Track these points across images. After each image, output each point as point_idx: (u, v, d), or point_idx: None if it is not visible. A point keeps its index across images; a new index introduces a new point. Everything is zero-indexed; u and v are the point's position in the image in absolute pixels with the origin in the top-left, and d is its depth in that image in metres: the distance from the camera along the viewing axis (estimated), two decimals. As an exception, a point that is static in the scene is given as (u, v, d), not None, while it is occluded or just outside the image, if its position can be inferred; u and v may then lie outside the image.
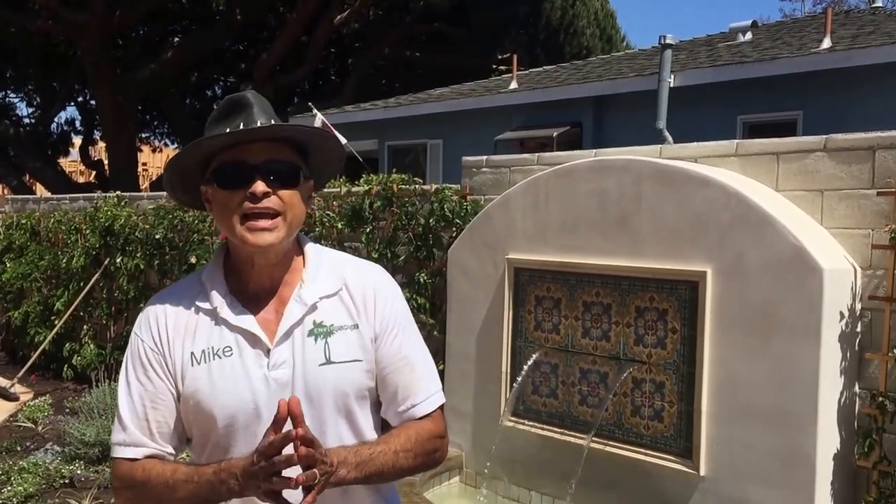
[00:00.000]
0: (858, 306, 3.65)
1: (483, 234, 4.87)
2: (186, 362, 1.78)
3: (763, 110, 10.56)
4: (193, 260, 7.14)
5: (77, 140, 23.21)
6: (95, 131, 22.78)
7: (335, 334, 1.81)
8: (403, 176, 6.06)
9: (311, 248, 1.90)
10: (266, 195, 1.73)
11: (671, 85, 10.60)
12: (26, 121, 23.09)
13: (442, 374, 5.28)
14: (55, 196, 10.72)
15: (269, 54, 18.74)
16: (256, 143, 1.76)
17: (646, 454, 4.05)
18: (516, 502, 4.70)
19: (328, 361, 1.79)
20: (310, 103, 11.44)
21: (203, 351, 1.77)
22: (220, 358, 1.76)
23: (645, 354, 4.09)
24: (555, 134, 11.65)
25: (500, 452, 4.63)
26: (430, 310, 5.74)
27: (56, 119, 23.21)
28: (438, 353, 5.63)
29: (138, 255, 7.74)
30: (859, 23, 12.17)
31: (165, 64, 18.71)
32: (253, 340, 1.78)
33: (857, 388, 3.69)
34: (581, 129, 11.94)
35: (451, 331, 5.11)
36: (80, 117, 23.30)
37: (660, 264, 4.00)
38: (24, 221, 9.37)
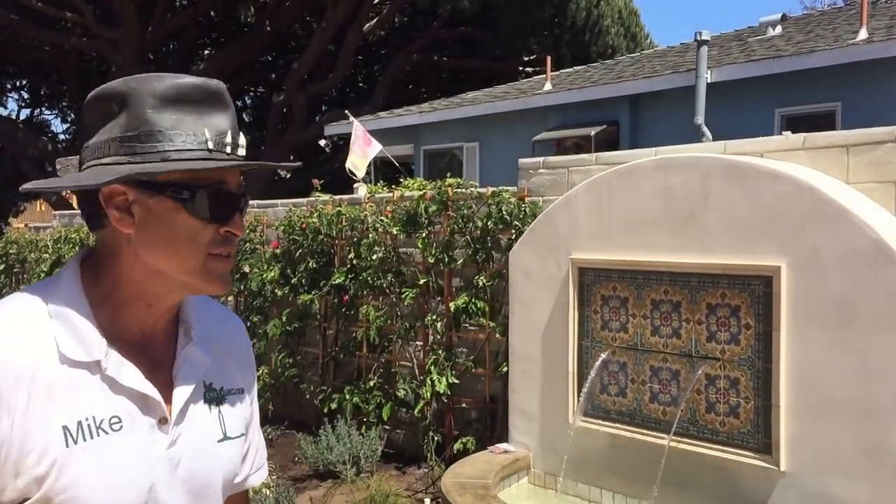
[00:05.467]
0: (938, 296, 3.63)
1: (545, 235, 4.88)
2: (55, 440, 1.20)
3: (801, 103, 10.51)
4: None
5: (111, 154, 23.47)
6: (130, 145, 23.02)
7: (227, 399, 1.44)
8: (458, 180, 6.10)
9: None
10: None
11: (708, 81, 10.60)
12: (62, 137, 23.42)
13: (506, 375, 5.31)
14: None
15: (299, 64, 18.86)
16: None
17: (722, 450, 4.05)
18: (587, 500, 4.71)
19: (226, 437, 1.42)
20: (346, 111, 11.53)
21: (80, 423, 1.22)
22: (108, 433, 1.24)
23: (718, 351, 4.09)
24: (592, 133, 11.65)
25: (570, 452, 4.64)
26: (490, 312, 5.77)
27: (91, 134, 23.50)
28: (500, 354, 5.67)
29: None
30: (890, 13, 12.09)
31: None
32: (145, 407, 1.29)
33: (938, 379, 3.67)
34: (618, 127, 11.92)
35: (514, 333, 5.13)
36: (114, 132, 23.57)
37: (731, 260, 4.00)
38: (73, 235, 9.50)
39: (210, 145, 1.29)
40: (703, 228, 4.12)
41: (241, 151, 1.34)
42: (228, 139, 1.31)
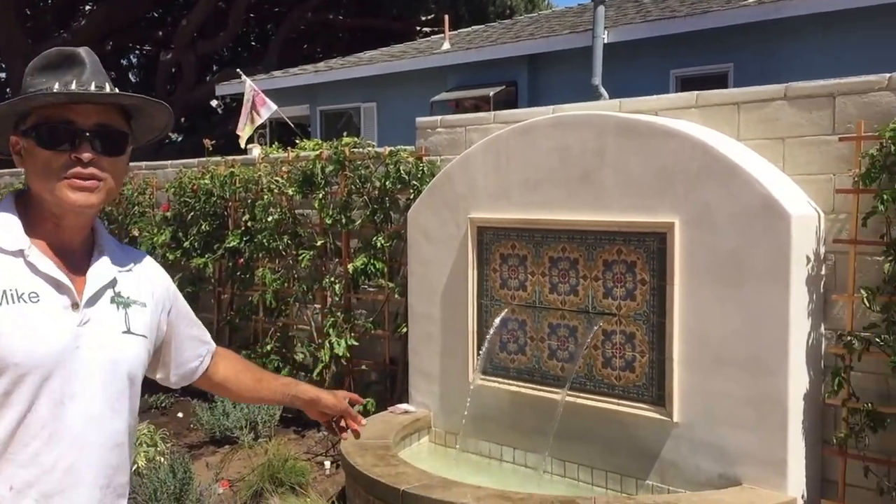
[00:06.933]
0: (823, 250, 3.75)
1: (443, 194, 4.85)
2: None
3: (695, 64, 10.70)
4: None
5: (-10, 115, 22.48)
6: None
7: (132, 306, 1.84)
8: (356, 139, 6.00)
9: (97, 221, 1.89)
10: (91, 162, 1.71)
11: (605, 41, 10.68)
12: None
13: (405, 336, 5.28)
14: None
15: (188, 21, 18.28)
16: (86, 105, 1.73)
17: (618, 404, 4.12)
18: (488, 457, 4.74)
19: (129, 331, 1.81)
20: (238, 70, 11.21)
21: (6, 292, 1.65)
22: (27, 303, 1.66)
23: (614, 307, 4.14)
24: (491, 93, 11.65)
25: (470, 410, 4.66)
26: (389, 273, 5.73)
27: (-32, 94, 22.40)
28: (400, 315, 5.64)
29: None
30: (781, -25, 12.39)
31: (78, 33, 18.18)
32: (60, 291, 1.71)
33: (822, 330, 3.80)
34: (517, 88, 11.95)
35: (412, 293, 5.10)
36: (-8, 91, 22.52)
37: (626, 217, 4.04)
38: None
39: (56, 87, 1.71)
40: (599, 186, 4.15)
41: (95, 85, 1.73)
42: (73, 87, 1.70)
